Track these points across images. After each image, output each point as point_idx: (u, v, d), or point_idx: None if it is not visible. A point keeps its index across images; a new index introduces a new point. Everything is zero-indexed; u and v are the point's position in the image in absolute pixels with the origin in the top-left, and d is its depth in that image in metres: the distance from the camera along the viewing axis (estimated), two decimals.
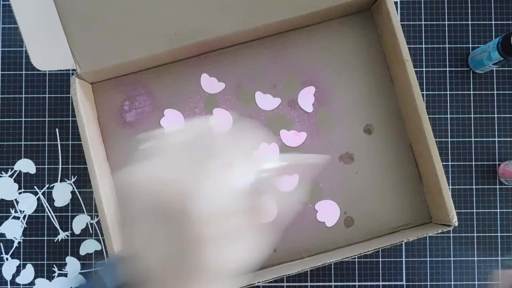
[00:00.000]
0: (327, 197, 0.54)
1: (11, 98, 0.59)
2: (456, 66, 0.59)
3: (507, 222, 0.58)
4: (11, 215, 0.58)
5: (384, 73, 0.55)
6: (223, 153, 0.27)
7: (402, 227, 0.54)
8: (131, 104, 0.55)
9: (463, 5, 0.60)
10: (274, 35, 0.55)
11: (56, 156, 0.58)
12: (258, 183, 0.30)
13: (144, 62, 0.52)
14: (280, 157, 0.42)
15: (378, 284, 0.57)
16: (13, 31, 0.59)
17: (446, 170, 0.57)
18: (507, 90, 0.59)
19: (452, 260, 0.57)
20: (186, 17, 0.49)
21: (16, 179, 0.58)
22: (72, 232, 0.58)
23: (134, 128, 0.54)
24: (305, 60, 0.55)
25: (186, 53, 0.53)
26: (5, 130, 0.58)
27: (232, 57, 0.55)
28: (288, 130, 0.55)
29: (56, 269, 0.57)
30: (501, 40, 0.52)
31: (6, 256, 0.57)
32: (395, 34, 0.50)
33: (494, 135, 0.59)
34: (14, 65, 0.59)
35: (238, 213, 0.28)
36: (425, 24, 0.60)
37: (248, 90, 0.55)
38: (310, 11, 0.50)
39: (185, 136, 0.28)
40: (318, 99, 0.55)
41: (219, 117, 0.55)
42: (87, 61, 0.49)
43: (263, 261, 0.53)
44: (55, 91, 0.59)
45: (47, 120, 0.58)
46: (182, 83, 0.55)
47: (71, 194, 0.58)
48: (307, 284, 0.57)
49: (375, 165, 0.54)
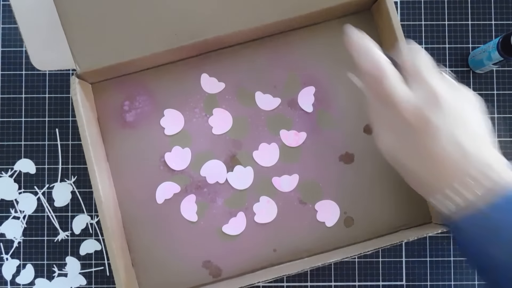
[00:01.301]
0: (327, 197, 0.54)
1: (11, 98, 0.59)
2: (456, 66, 0.59)
3: None
4: (11, 215, 0.58)
5: None
6: None
7: (402, 227, 0.54)
8: (131, 104, 0.55)
9: (463, 5, 0.60)
10: (274, 35, 0.55)
11: (56, 156, 0.58)
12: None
13: (144, 62, 0.52)
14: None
15: (378, 284, 0.57)
16: (13, 31, 0.59)
17: None
18: (507, 90, 0.59)
19: (452, 260, 0.57)
20: (186, 17, 0.49)
21: (16, 179, 0.58)
22: (72, 232, 0.58)
23: (134, 128, 0.55)
24: (305, 60, 0.55)
25: (186, 53, 0.53)
26: (5, 130, 0.58)
27: (232, 57, 0.55)
28: (288, 130, 0.55)
29: (56, 269, 0.57)
30: (501, 40, 0.52)
31: (6, 256, 0.57)
32: (395, 34, 0.50)
33: (494, 135, 0.59)
34: (14, 65, 0.59)
35: None
36: (425, 24, 0.60)
37: (248, 90, 0.55)
38: (310, 11, 0.50)
39: None
40: (318, 99, 0.55)
41: (219, 117, 0.55)
42: (87, 61, 0.49)
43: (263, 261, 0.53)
44: (55, 91, 0.59)
45: (47, 120, 0.58)
46: (182, 83, 0.55)
47: (71, 194, 0.58)
48: (307, 284, 0.57)
49: (375, 165, 0.54)
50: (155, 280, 0.53)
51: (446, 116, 0.35)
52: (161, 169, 0.54)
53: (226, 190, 0.54)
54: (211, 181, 0.54)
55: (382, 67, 0.37)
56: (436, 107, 0.35)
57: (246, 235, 0.54)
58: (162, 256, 0.53)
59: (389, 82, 0.36)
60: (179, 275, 0.53)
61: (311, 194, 0.54)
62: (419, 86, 0.36)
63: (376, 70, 0.37)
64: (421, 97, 0.35)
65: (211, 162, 0.54)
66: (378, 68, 0.37)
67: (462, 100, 0.36)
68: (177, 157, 0.54)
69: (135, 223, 0.54)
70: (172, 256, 0.53)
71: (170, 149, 0.54)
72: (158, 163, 0.54)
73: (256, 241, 0.54)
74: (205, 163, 0.54)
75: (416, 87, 0.36)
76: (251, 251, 0.53)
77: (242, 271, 0.53)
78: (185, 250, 0.53)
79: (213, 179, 0.54)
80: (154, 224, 0.54)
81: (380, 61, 0.37)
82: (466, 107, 0.36)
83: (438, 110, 0.35)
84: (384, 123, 0.39)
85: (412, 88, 0.36)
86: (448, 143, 0.35)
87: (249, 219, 0.54)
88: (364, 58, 0.38)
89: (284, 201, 0.54)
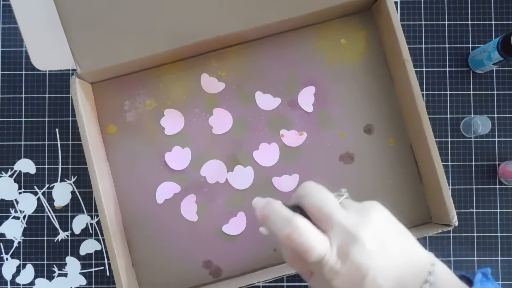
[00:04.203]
0: None
1: (11, 98, 0.59)
2: (456, 66, 0.59)
3: (507, 222, 0.58)
4: (11, 215, 0.58)
5: (384, 73, 0.55)
6: None
7: None
8: (131, 104, 0.55)
9: (463, 5, 0.60)
10: (274, 35, 0.55)
11: (56, 156, 0.58)
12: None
13: (144, 62, 0.52)
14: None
15: None
16: (13, 31, 0.59)
17: (446, 170, 0.57)
18: (507, 90, 0.59)
19: (452, 260, 0.57)
20: (186, 17, 0.49)
21: (16, 179, 0.58)
22: (72, 232, 0.58)
23: (134, 128, 0.55)
24: (305, 60, 0.55)
25: (186, 53, 0.53)
26: (5, 130, 0.58)
27: (232, 57, 0.55)
28: (288, 130, 0.55)
29: (56, 269, 0.57)
30: (501, 40, 0.52)
31: (6, 256, 0.57)
32: (395, 34, 0.50)
33: (494, 135, 0.59)
34: (14, 65, 0.59)
35: None
36: (425, 24, 0.60)
37: (248, 90, 0.55)
38: (310, 11, 0.50)
39: None
40: (318, 99, 0.55)
41: (219, 117, 0.55)
42: (87, 61, 0.49)
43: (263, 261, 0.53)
44: (55, 91, 0.59)
45: (47, 120, 0.58)
46: (182, 83, 0.55)
47: (71, 194, 0.58)
48: (307, 284, 0.57)
49: (375, 165, 0.54)
50: (155, 280, 0.53)
51: (368, 251, 0.33)
52: (161, 169, 0.54)
53: (226, 190, 0.54)
54: (211, 181, 0.54)
55: (295, 227, 0.33)
56: (357, 245, 0.33)
57: (246, 235, 0.54)
58: (162, 256, 0.53)
59: (305, 240, 0.33)
60: (179, 275, 0.53)
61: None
62: (332, 229, 0.34)
63: (290, 233, 0.33)
64: (339, 241, 0.33)
65: (211, 162, 0.54)
66: (292, 229, 0.34)
67: (374, 222, 0.34)
68: (177, 157, 0.54)
69: (135, 223, 0.54)
70: (172, 256, 0.53)
71: (170, 149, 0.54)
72: (158, 163, 0.54)
73: (256, 241, 0.54)
74: (205, 163, 0.54)
75: (331, 230, 0.34)
76: (251, 251, 0.53)
77: (242, 271, 0.53)
78: (185, 250, 0.53)
79: (213, 179, 0.54)
80: (154, 224, 0.54)
81: (290, 221, 0.34)
82: (381, 228, 0.34)
83: (360, 248, 0.33)
84: (314, 277, 0.36)
85: (327, 232, 0.34)
86: (378, 277, 0.32)
87: (249, 219, 0.54)
88: (275, 223, 0.35)
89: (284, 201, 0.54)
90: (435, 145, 0.49)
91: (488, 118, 0.56)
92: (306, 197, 0.36)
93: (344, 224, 0.34)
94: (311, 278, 0.36)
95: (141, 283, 0.53)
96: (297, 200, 0.37)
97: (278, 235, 0.34)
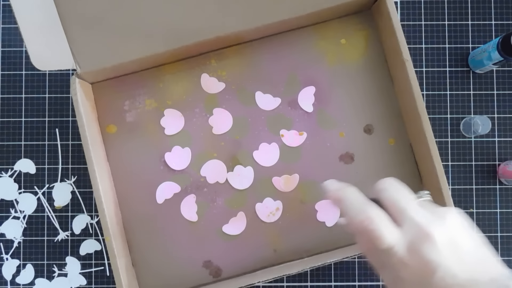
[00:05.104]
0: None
1: (11, 98, 0.59)
2: (456, 66, 0.59)
3: (507, 222, 0.58)
4: (11, 215, 0.58)
5: (384, 73, 0.55)
6: None
7: None
8: (131, 104, 0.55)
9: (463, 5, 0.60)
10: (274, 35, 0.55)
11: (56, 156, 0.58)
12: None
13: (144, 62, 0.52)
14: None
15: (378, 284, 0.57)
16: (13, 31, 0.59)
17: (446, 170, 0.57)
18: (507, 90, 0.59)
19: None
20: (186, 17, 0.49)
21: (16, 179, 0.58)
22: (72, 232, 0.58)
23: (134, 128, 0.55)
24: (305, 60, 0.55)
25: (186, 53, 0.53)
26: (5, 130, 0.58)
27: (232, 57, 0.55)
28: (288, 130, 0.55)
29: (56, 269, 0.57)
30: (501, 40, 0.52)
31: (6, 256, 0.57)
32: (395, 34, 0.50)
33: (494, 135, 0.59)
34: (14, 65, 0.59)
35: None
36: (425, 24, 0.60)
37: (248, 90, 0.55)
38: (310, 11, 0.50)
39: None
40: (318, 99, 0.55)
41: (219, 117, 0.55)
42: (87, 61, 0.49)
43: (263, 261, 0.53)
44: (55, 91, 0.59)
45: (47, 120, 0.58)
46: (182, 83, 0.55)
47: (71, 194, 0.58)
48: (307, 284, 0.57)
49: (375, 165, 0.54)
50: (155, 280, 0.53)
51: (439, 249, 0.33)
52: (161, 169, 0.54)
53: (226, 190, 0.54)
54: (211, 181, 0.54)
55: (369, 215, 0.35)
56: (428, 242, 0.33)
57: (246, 235, 0.54)
58: (162, 256, 0.53)
59: (377, 228, 0.35)
60: (179, 275, 0.53)
61: (311, 194, 0.54)
62: (404, 223, 0.35)
63: (363, 219, 0.35)
64: (411, 236, 0.34)
65: (211, 162, 0.54)
66: (365, 217, 0.35)
67: (449, 224, 0.35)
68: (177, 157, 0.54)
69: (135, 223, 0.54)
70: (172, 256, 0.53)
71: (170, 149, 0.54)
72: (158, 163, 0.54)
73: (256, 241, 0.54)
74: (205, 163, 0.54)
75: (403, 225, 0.35)
76: (251, 251, 0.53)
77: (242, 271, 0.53)
78: (185, 250, 0.53)
79: (213, 179, 0.54)
80: (154, 224, 0.54)
81: (365, 209, 0.36)
82: (455, 231, 0.35)
83: (430, 245, 0.33)
84: (385, 269, 0.37)
85: (400, 226, 0.35)
86: (447, 276, 0.33)
87: (249, 219, 0.54)
88: (349, 209, 0.37)
89: (284, 201, 0.54)
90: (435, 145, 0.49)
91: (488, 118, 0.56)
92: (383, 191, 0.38)
93: (417, 220, 0.34)
94: (382, 270, 0.37)
95: (141, 283, 0.53)
96: (375, 193, 0.38)
97: (352, 219, 0.36)
